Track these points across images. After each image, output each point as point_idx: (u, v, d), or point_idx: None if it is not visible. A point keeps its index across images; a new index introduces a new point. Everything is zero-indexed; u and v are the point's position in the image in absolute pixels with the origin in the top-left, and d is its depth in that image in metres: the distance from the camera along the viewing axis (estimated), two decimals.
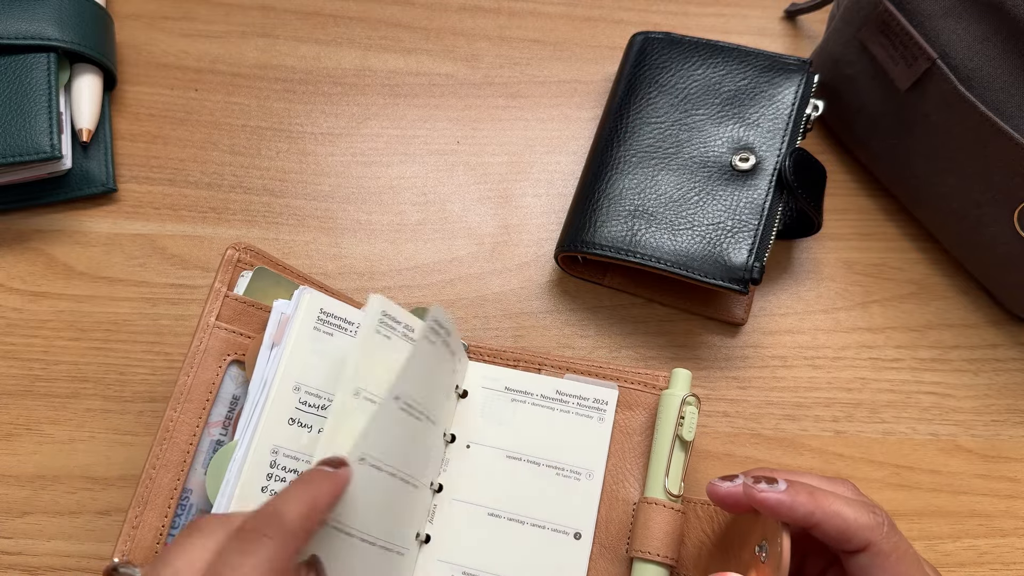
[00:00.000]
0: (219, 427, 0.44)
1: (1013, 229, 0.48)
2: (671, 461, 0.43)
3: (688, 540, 0.43)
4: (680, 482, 0.43)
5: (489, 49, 0.61)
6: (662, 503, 0.42)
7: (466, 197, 0.57)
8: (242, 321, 0.45)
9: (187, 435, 0.43)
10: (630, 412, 0.46)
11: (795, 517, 0.35)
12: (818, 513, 0.35)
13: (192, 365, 0.43)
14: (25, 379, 0.50)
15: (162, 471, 0.42)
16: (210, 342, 0.44)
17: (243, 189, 0.56)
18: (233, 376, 0.44)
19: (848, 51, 0.53)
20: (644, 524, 0.42)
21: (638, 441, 0.46)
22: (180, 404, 0.43)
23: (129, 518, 0.41)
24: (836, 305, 0.55)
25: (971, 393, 0.53)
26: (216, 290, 0.45)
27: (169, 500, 0.41)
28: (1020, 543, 0.49)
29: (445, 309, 0.45)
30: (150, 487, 0.41)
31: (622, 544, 0.44)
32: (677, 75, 0.54)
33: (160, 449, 0.42)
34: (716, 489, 0.39)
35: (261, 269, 0.46)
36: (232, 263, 0.45)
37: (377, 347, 0.42)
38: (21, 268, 0.53)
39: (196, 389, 0.43)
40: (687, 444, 0.43)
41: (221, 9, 0.61)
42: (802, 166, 0.50)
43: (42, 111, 0.51)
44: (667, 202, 0.51)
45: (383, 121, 0.59)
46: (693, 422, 0.43)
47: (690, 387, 0.45)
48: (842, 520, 0.35)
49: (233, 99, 0.58)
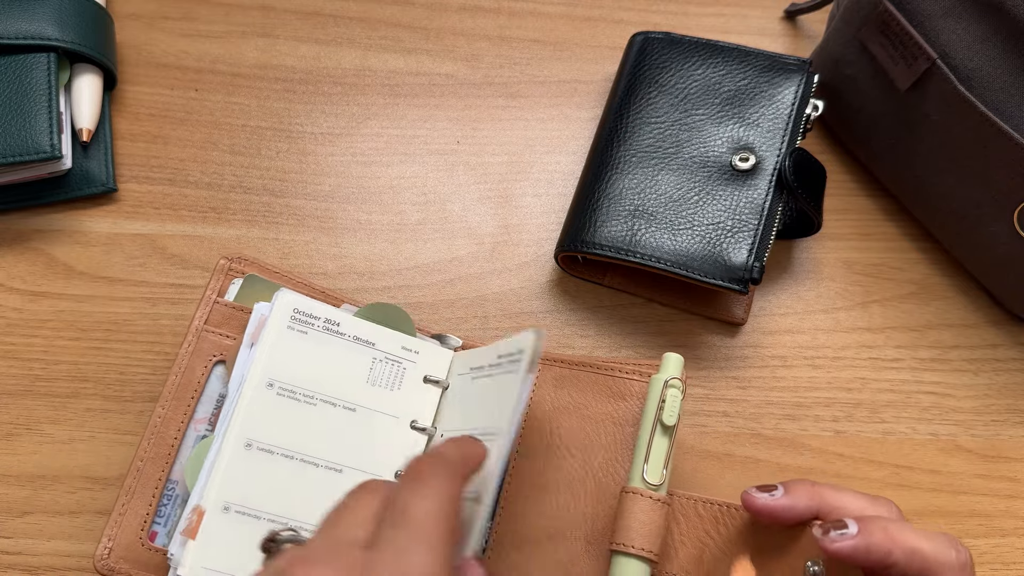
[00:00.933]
0: (205, 423, 0.46)
1: (1013, 229, 0.48)
2: (651, 447, 0.41)
3: (687, 540, 0.41)
4: (662, 470, 0.41)
5: (489, 49, 0.61)
6: (640, 491, 0.40)
7: (466, 197, 0.57)
8: (229, 325, 0.48)
9: (173, 430, 0.45)
10: (623, 402, 0.44)
11: (871, 560, 0.33)
12: (896, 552, 0.32)
13: (180, 366, 0.46)
14: (25, 379, 0.50)
15: (149, 464, 0.44)
16: (198, 344, 0.47)
17: (243, 189, 0.56)
18: (219, 375, 0.47)
19: (848, 51, 0.53)
20: (623, 515, 0.40)
21: (630, 432, 0.44)
22: (168, 402, 0.46)
23: (116, 507, 0.43)
24: (836, 305, 0.55)
25: (971, 393, 0.53)
26: (207, 297, 0.48)
27: (154, 491, 0.44)
28: (1020, 543, 0.49)
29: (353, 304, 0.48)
30: (137, 478, 0.44)
31: (608, 539, 0.42)
32: (677, 75, 0.54)
33: (148, 444, 0.45)
34: (754, 500, 0.37)
35: (251, 276, 0.48)
36: (223, 272, 0.48)
37: (290, 341, 0.45)
38: (21, 268, 0.53)
39: (183, 388, 0.46)
40: (669, 429, 0.41)
41: (221, 9, 0.61)
42: (802, 166, 0.50)
43: (42, 111, 0.51)
44: (667, 202, 0.51)
45: (383, 121, 0.59)
46: (676, 405, 0.41)
47: (681, 371, 0.43)
48: (922, 559, 0.32)
49: (233, 99, 0.58)
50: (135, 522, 0.43)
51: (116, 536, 0.43)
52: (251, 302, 0.48)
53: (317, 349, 0.46)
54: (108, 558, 0.42)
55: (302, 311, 0.46)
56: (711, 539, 0.41)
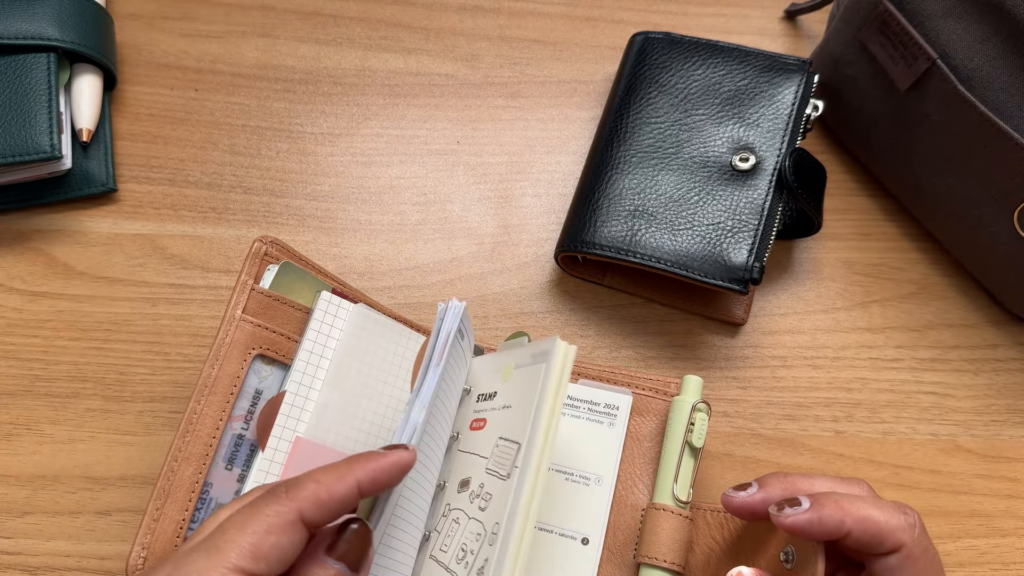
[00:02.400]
0: (241, 421, 0.43)
1: (1013, 229, 0.48)
2: (680, 468, 0.43)
3: (697, 547, 0.43)
4: (689, 489, 0.43)
5: (489, 49, 0.61)
6: (670, 509, 0.42)
7: (466, 197, 0.57)
8: (268, 315, 0.44)
9: (210, 428, 0.42)
10: (641, 418, 0.46)
11: (826, 531, 0.34)
12: (848, 521, 0.34)
13: (218, 357, 0.43)
14: (25, 379, 0.50)
15: (184, 464, 0.41)
16: (236, 335, 0.43)
17: (243, 189, 0.56)
18: (256, 370, 0.44)
19: (848, 51, 0.53)
20: (652, 530, 0.42)
21: (648, 447, 0.46)
22: (204, 397, 0.42)
23: (150, 510, 0.40)
24: (836, 305, 0.55)
25: (971, 393, 0.53)
26: (243, 283, 0.44)
27: (191, 493, 0.41)
28: (1020, 543, 0.49)
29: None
30: (171, 479, 0.40)
31: (629, 549, 0.44)
32: (677, 75, 0.54)
33: (183, 442, 0.41)
34: (731, 500, 0.38)
35: (287, 264, 0.46)
36: (259, 256, 0.45)
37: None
38: (21, 268, 0.53)
39: (221, 382, 0.42)
40: (696, 451, 0.44)
41: (221, 9, 0.61)
42: (802, 166, 0.50)
43: (42, 111, 0.51)
44: (667, 202, 0.51)
45: (383, 121, 0.59)
46: (703, 429, 0.43)
47: (701, 394, 0.45)
48: (873, 524, 0.34)
49: (233, 99, 0.58)
50: (170, 528, 0.40)
51: (151, 544, 0.39)
52: (287, 292, 0.45)
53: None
54: (143, 568, 0.39)
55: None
56: (716, 543, 0.42)
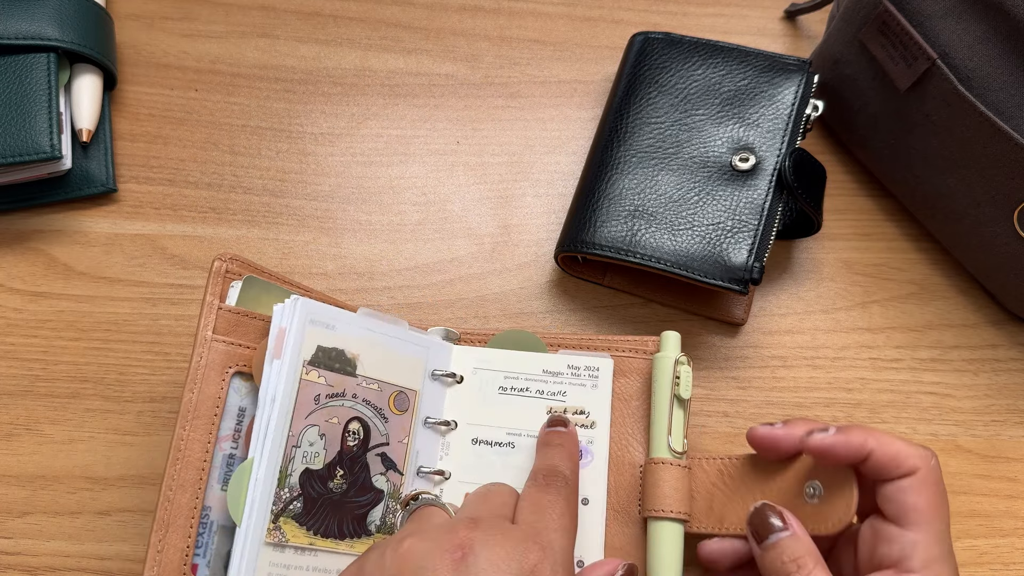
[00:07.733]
0: (229, 441, 0.43)
1: (1013, 229, 0.48)
2: (672, 420, 0.44)
3: (697, 495, 0.44)
4: (683, 439, 0.44)
5: (489, 49, 0.61)
6: (668, 461, 0.44)
7: (466, 197, 0.57)
8: (239, 332, 0.44)
9: (200, 452, 0.42)
10: (625, 379, 0.47)
11: (851, 450, 0.36)
12: (871, 441, 0.36)
13: (196, 381, 0.42)
14: (25, 379, 0.50)
15: (179, 492, 0.41)
16: (210, 356, 0.43)
17: (243, 189, 0.56)
18: (237, 388, 0.44)
19: (848, 51, 0.53)
20: (654, 484, 0.43)
21: (636, 406, 0.47)
22: (189, 422, 0.42)
23: (153, 543, 0.40)
24: (836, 305, 0.55)
25: (971, 393, 0.52)
26: (209, 303, 0.44)
27: (191, 520, 0.41)
28: (1020, 543, 0.49)
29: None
30: (169, 509, 0.40)
31: (633, 506, 0.45)
32: (677, 75, 0.54)
33: (174, 470, 0.41)
34: (756, 431, 0.40)
35: (250, 278, 0.45)
36: (220, 275, 0.44)
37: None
38: (21, 268, 0.53)
39: (203, 405, 0.42)
40: (685, 402, 0.44)
41: (221, 9, 0.61)
42: (802, 166, 0.50)
43: (42, 111, 0.51)
44: (667, 202, 0.51)
45: (383, 121, 0.59)
46: (688, 380, 0.44)
47: (680, 348, 0.46)
48: (893, 446, 0.36)
49: (233, 99, 0.58)
50: (176, 557, 0.40)
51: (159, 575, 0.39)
52: (253, 305, 0.45)
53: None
54: None
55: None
56: (718, 489, 0.43)
